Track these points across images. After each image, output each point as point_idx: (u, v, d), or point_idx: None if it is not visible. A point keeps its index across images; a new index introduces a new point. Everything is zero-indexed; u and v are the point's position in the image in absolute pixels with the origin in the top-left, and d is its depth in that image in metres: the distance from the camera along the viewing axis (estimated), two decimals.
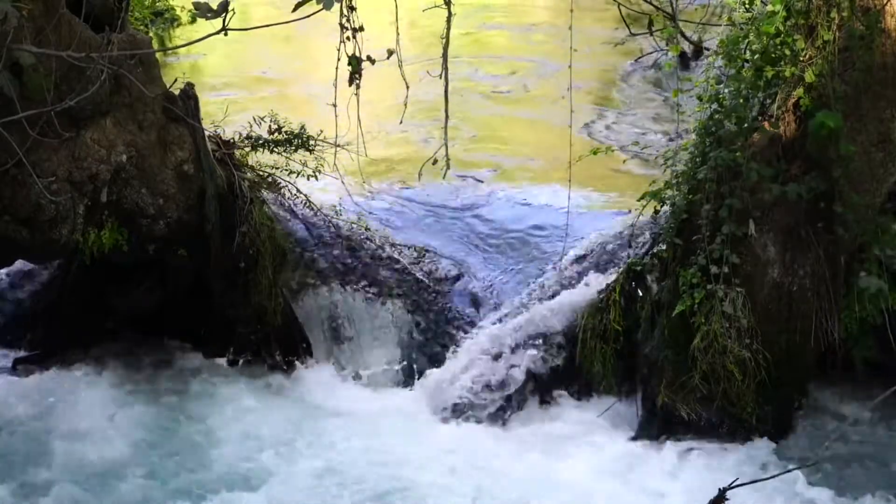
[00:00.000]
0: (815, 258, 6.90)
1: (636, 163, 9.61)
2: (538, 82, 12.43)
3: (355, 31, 6.02)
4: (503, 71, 13.13)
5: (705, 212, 6.94)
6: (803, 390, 7.18)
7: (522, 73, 13.06)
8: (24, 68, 6.13)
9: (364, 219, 8.41)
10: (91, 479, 6.64)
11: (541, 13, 16.45)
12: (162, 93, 7.33)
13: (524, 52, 14.11)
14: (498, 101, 12.00)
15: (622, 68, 13.13)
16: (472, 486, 6.60)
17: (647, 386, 7.24)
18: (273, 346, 7.91)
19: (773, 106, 6.99)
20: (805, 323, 6.93)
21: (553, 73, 12.18)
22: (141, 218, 7.30)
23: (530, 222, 8.63)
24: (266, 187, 8.06)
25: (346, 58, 5.93)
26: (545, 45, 13.98)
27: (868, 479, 6.70)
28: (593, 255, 8.04)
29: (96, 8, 6.85)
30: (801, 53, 6.75)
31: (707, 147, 7.10)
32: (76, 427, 7.13)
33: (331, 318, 7.97)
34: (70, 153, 6.82)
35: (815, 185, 6.80)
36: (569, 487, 6.58)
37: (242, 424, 7.21)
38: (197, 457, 6.87)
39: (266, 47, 14.07)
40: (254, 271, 7.67)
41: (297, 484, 6.60)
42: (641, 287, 7.49)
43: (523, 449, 7.01)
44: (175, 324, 8.05)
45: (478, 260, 8.30)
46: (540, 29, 15.32)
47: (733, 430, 6.97)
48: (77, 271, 7.86)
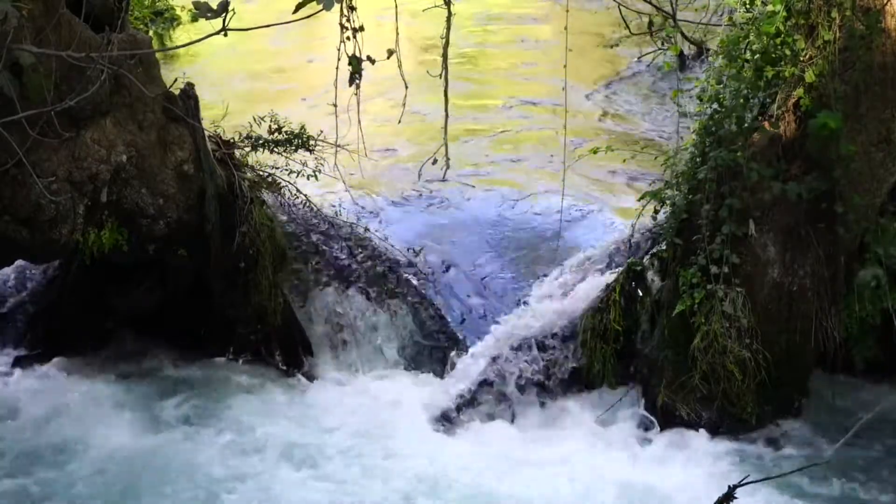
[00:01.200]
0: (815, 258, 6.91)
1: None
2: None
3: (355, 31, 6.02)
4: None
5: (705, 212, 6.94)
6: (803, 390, 7.18)
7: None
8: (24, 68, 6.13)
9: (364, 219, 8.41)
10: (90, 479, 6.64)
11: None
12: (162, 93, 7.32)
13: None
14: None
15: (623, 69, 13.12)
16: (473, 486, 6.60)
17: (647, 386, 7.24)
18: (273, 347, 7.91)
19: (773, 106, 6.99)
20: (805, 323, 6.93)
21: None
22: (141, 218, 7.30)
23: (531, 223, 8.63)
24: (266, 187, 8.05)
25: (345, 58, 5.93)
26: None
27: (875, 479, 6.70)
28: (593, 256, 8.05)
29: (96, 8, 6.85)
30: (802, 53, 6.75)
31: (707, 147, 7.10)
32: (75, 427, 7.13)
33: (331, 318, 7.96)
34: (70, 153, 6.82)
35: (815, 185, 6.80)
36: (569, 487, 6.58)
37: (242, 424, 7.21)
38: (196, 457, 6.87)
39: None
40: (254, 271, 7.67)
41: (298, 484, 6.60)
42: (641, 287, 7.49)
43: (523, 449, 7.01)
44: (175, 324, 8.04)
45: (478, 260, 8.30)
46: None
47: (733, 429, 6.97)
48: (77, 271, 7.86)
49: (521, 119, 11.08)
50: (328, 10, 4.07)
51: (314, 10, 4.03)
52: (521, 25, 14.97)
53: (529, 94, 11.91)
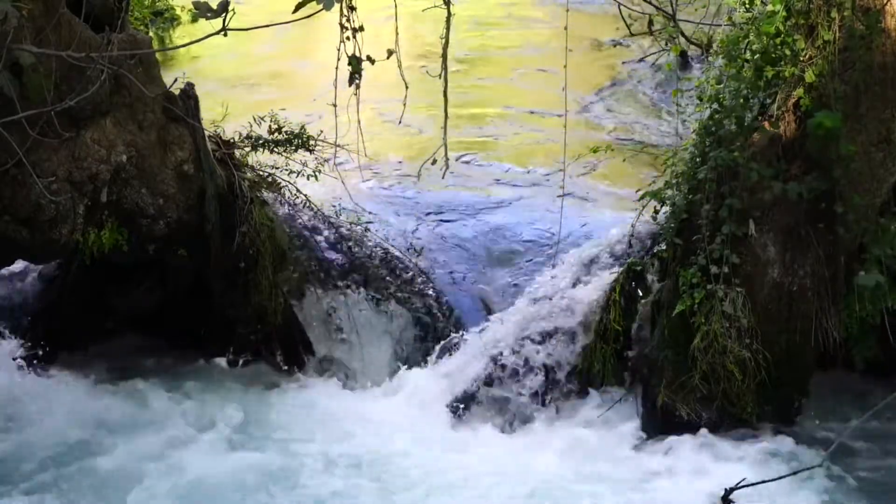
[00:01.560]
0: (815, 258, 6.90)
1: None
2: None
3: (355, 30, 6.02)
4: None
5: (705, 212, 6.94)
6: (804, 390, 7.17)
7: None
8: (24, 68, 6.13)
9: (364, 219, 8.40)
10: (90, 479, 6.64)
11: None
12: (162, 93, 7.32)
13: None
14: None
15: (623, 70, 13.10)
16: (473, 486, 6.59)
17: (647, 386, 7.24)
18: (273, 347, 7.91)
19: (773, 106, 6.99)
20: (805, 323, 6.93)
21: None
22: (141, 218, 7.30)
23: (530, 223, 8.63)
24: (266, 187, 8.05)
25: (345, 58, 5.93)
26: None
27: (873, 480, 6.70)
28: (593, 256, 8.04)
29: (96, 8, 6.85)
30: (802, 53, 6.75)
31: (707, 147, 7.09)
32: (75, 427, 7.13)
33: (331, 318, 7.96)
34: (70, 153, 6.82)
35: (815, 185, 6.80)
36: (569, 487, 6.58)
37: (242, 424, 7.21)
38: (196, 457, 6.87)
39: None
40: (254, 271, 7.66)
41: (297, 484, 6.60)
42: (641, 287, 7.49)
43: (523, 449, 7.01)
44: (175, 324, 8.04)
45: (478, 259, 8.30)
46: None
47: (733, 430, 6.97)
48: (77, 271, 7.85)
49: (520, 126, 11.08)
50: (328, 10, 4.07)
51: (314, 9, 4.03)
52: (521, 31, 14.95)
53: (528, 103, 11.91)
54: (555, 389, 7.54)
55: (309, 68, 12.77)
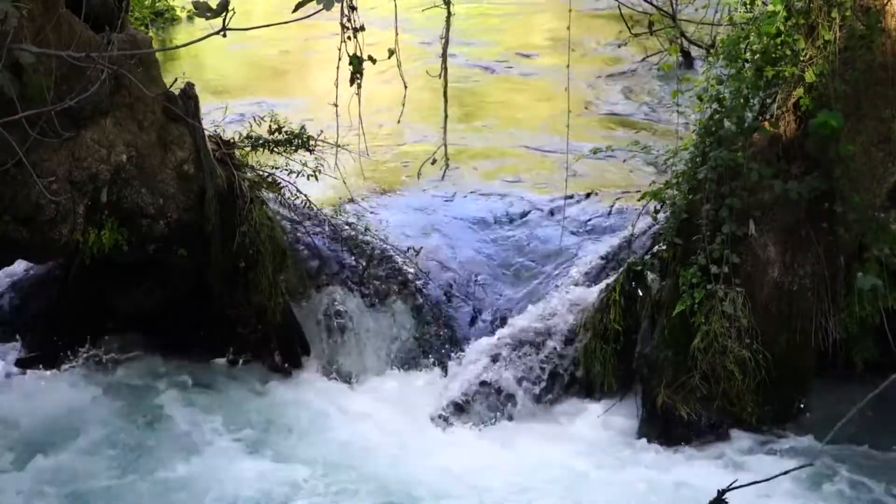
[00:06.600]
0: (815, 258, 6.90)
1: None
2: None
3: (356, 30, 6.02)
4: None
5: (705, 212, 6.94)
6: (803, 390, 7.18)
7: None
8: (24, 68, 6.12)
9: (363, 219, 8.40)
10: (90, 479, 6.64)
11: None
12: (162, 93, 7.32)
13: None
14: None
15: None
16: (473, 486, 6.60)
17: (647, 386, 7.24)
18: (273, 347, 7.91)
19: (773, 106, 6.99)
20: (805, 323, 6.93)
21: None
22: (141, 218, 7.30)
23: (530, 224, 8.63)
24: (266, 187, 8.05)
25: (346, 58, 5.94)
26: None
27: (868, 478, 6.69)
28: (593, 256, 8.04)
29: (96, 8, 6.85)
30: (802, 53, 6.75)
31: (707, 147, 7.10)
32: (75, 427, 7.13)
33: (330, 319, 7.96)
34: (70, 153, 6.82)
35: (815, 185, 6.80)
36: (569, 487, 6.58)
37: (242, 424, 7.21)
38: (195, 457, 6.87)
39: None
40: (254, 271, 7.67)
41: (297, 484, 6.60)
42: (641, 287, 7.49)
43: (523, 450, 7.01)
44: (175, 324, 8.04)
45: (478, 260, 8.30)
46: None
47: (733, 429, 6.97)
48: (77, 271, 7.85)
49: (520, 126, 11.09)
50: (328, 9, 4.06)
51: (314, 9, 4.03)
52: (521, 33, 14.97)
53: (528, 104, 11.92)
54: (554, 390, 7.55)
55: (309, 68, 12.79)
